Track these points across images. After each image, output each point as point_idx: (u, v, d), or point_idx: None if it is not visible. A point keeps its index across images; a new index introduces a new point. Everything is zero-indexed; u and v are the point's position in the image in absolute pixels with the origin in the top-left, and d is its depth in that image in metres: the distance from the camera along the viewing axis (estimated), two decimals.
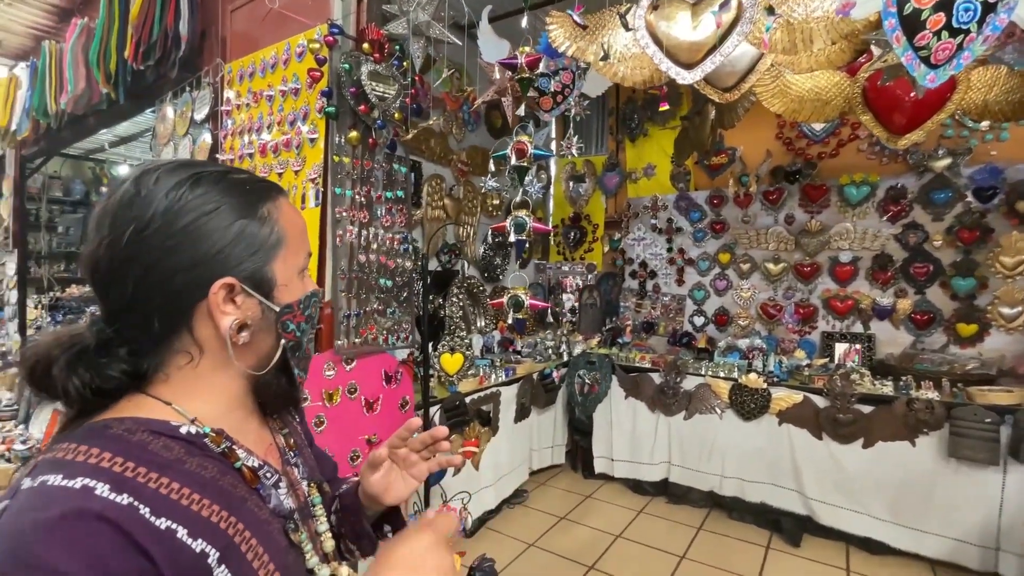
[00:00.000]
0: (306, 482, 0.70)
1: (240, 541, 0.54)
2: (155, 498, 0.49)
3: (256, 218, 0.59)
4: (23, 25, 3.81)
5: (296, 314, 0.62)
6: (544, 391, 3.59)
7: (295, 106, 1.98)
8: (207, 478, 0.55)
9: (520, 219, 1.70)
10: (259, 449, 0.64)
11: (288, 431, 0.73)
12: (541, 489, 3.62)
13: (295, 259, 0.62)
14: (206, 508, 0.52)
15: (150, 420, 0.54)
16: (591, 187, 4.70)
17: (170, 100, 2.72)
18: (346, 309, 1.90)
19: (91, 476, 0.46)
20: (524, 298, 1.70)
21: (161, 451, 0.53)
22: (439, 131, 3.55)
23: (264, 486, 0.61)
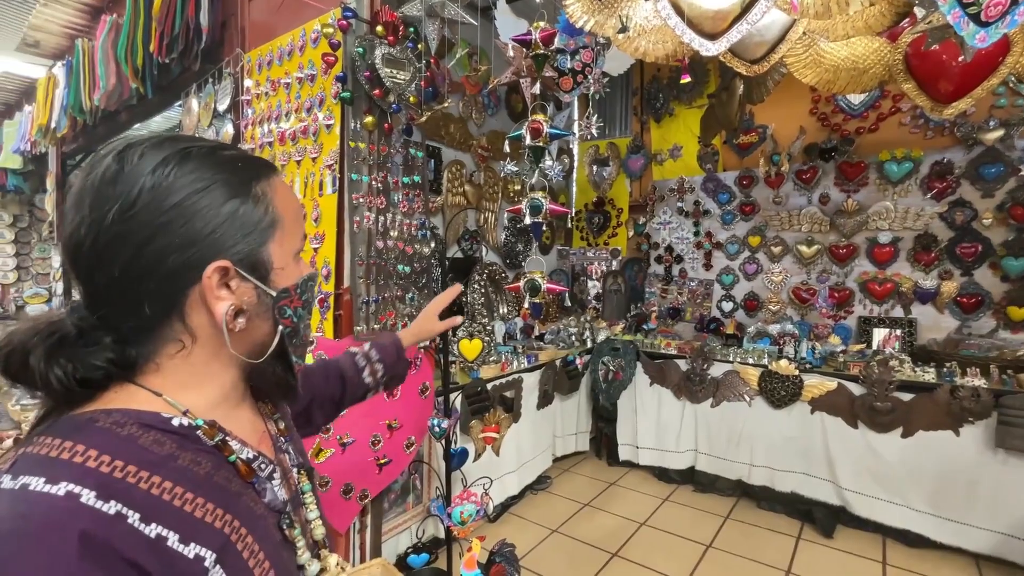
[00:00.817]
0: (296, 469, 0.68)
1: (236, 539, 0.52)
2: (146, 501, 0.46)
3: (249, 197, 0.55)
4: (58, 25, 3.94)
5: (293, 299, 0.59)
6: (567, 378, 3.56)
7: (311, 93, 1.98)
8: (201, 475, 0.52)
9: (536, 201, 1.66)
10: (252, 438, 0.61)
11: (279, 415, 0.71)
12: (565, 476, 3.61)
13: (291, 241, 0.59)
14: (200, 508, 0.50)
15: (140, 412, 0.51)
16: (615, 170, 4.60)
17: (195, 92, 2.76)
18: (365, 295, 1.91)
19: (76, 480, 0.43)
20: (541, 282, 1.67)
21: (152, 446, 0.50)
22: (458, 116, 3.52)
23: (259, 479, 0.59)
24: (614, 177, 4.63)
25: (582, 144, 4.89)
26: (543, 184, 1.71)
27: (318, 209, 1.95)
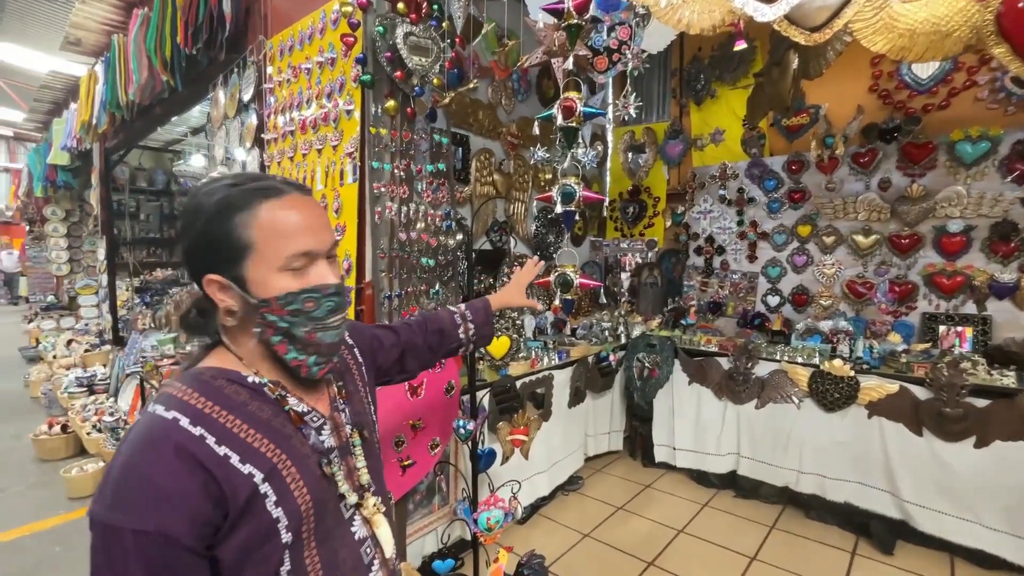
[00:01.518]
0: (350, 426, 0.84)
1: (282, 467, 0.70)
2: (221, 431, 0.68)
3: (223, 230, 0.71)
4: (96, 22, 4.01)
5: (274, 307, 0.72)
6: (600, 375, 3.41)
7: (331, 77, 1.89)
8: (262, 418, 0.72)
9: (568, 187, 1.52)
10: (310, 398, 0.80)
11: (343, 383, 0.88)
12: (597, 476, 3.48)
13: (268, 261, 0.71)
14: (258, 441, 0.70)
15: (228, 371, 0.75)
16: (651, 157, 4.38)
17: (221, 84, 2.73)
18: (387, 290, 1.82)
19: (180, 410, 0.68)
20: (573, 276, 1.53)
21: (232, 395, 0.72)
22: (487, 103, 3.39)
23: (307, 427, 0.77)
24: (650, 164, 4.40)
25: (617, 130, 4.68)
26: (576, 170, 1.57)
27: (339, 199, 1.87)
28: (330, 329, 0.76)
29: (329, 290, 0.75)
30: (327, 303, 0.75)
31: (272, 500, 0.69)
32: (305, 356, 0.76)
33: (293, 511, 0.70)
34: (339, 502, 0.79)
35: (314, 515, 0.74)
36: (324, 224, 0.77)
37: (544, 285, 1.57)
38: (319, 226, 0.75)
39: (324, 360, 0.78)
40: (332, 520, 0.78)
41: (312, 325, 0.74)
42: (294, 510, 0.70)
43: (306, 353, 0.76)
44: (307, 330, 0.74)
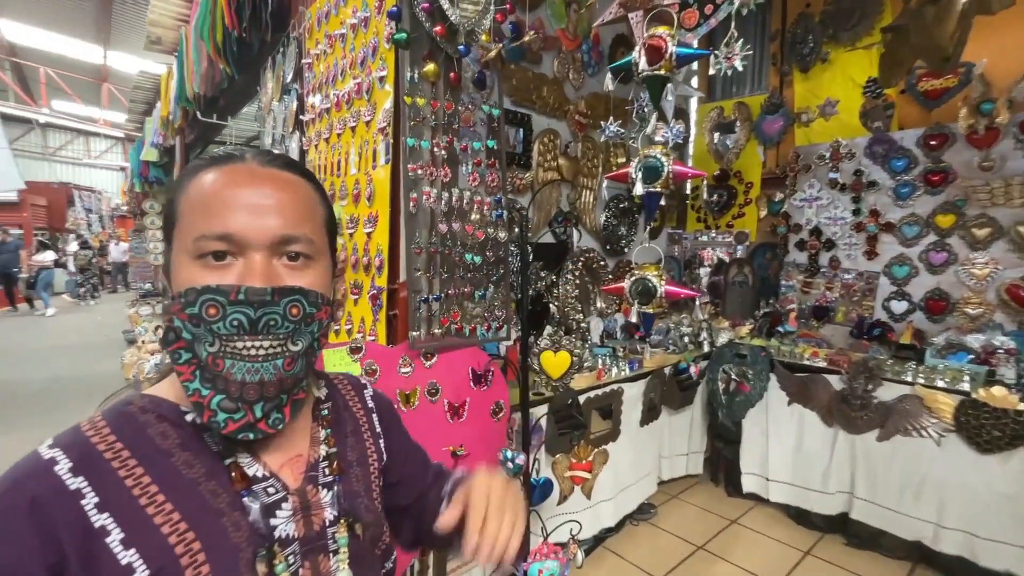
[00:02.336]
0: (333, 513, 0.61)
1: (187, 564, 0.49)
2: (114, 488, 0.49)
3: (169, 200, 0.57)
4: (171, 17, 4.09)
5: (177, 307, 0.52)
6: (679, 389, 2.96)
7: (365, 41, 1.61)
8: (187, 480, 0.53)
9: (653, 160, 1.13)
10: (276, 459, 0.59)
11: (339, 448, 0.65)
12: (673, 504, 3.03)
13: (183, 240, 0.53)
14: (163, 515, 0.50)
15: (162, 402, 0.56)
16: (743, 136, 3.79)
17: (270, 66, 2.58)
18: (425, 292, 1.53)
19: (65, 448, 0.50)
20: (658, 282, 1.14)
21: (156, 438, 0.53)
22: (552, 77, 3.01)
23: (253, 497, 0.55)
24: (742, 145, 3.82)
25: (702, 107, 4.12)
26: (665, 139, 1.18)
27: (371, 184, 1.60)
28: (242, 358, 0.52)
29: (238, 295, 0.51)
30: (234, 315, 0.51)
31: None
32: (210, 392, 0.52)
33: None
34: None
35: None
36: (277, 207, 0.55)
37: (617, 292, 1.20)
38: (265, 208, 0.54)
39: (235, 408, 0.52)
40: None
41: (218, 345, 0.51)
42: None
43: (212, 388, 0.52)
44: (213, 351, 0.52)
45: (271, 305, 0.52)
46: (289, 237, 0.55)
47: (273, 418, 0.55)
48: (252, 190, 0.54)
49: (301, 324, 0.55)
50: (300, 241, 0.56)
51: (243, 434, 0.53)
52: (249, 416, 0.53)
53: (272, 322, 0.53)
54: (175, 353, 0.53)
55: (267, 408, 0.54)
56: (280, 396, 0.55)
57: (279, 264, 0.55)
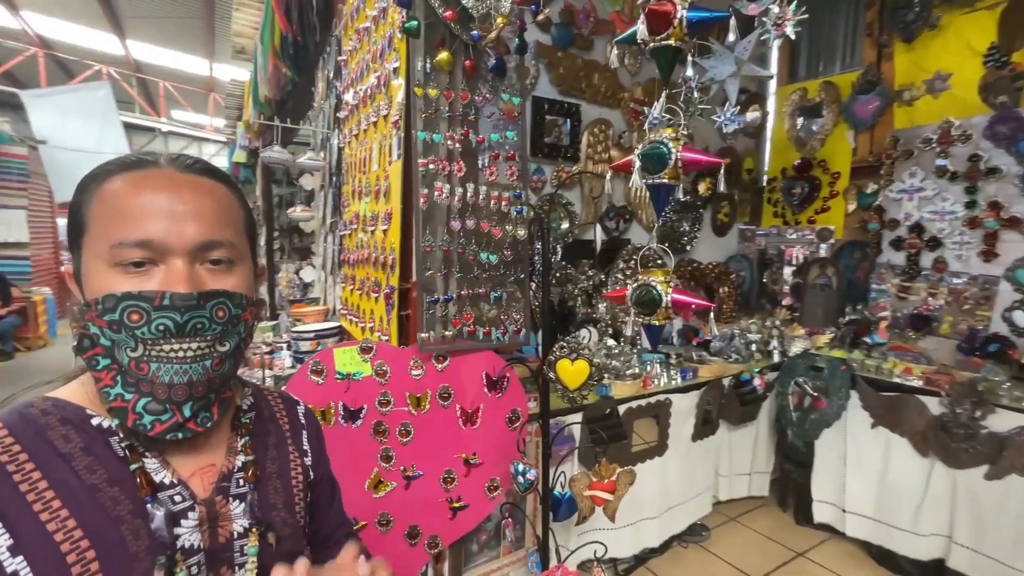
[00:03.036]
0: (246, 523, 0.59)
1: (79, 573, 0.48)
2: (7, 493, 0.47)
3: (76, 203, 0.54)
4: (251, 27, 4.37)
5: (94, 314, 0.52)
6: (740, 402, 2.68)
7: (383, 32, 1.57)
8: (88, 485, 0.51)
9: (656, 147, 0.96)
10: (186, 467, 0.58)
11: (257, 458, 0.63)
12: (730, 528, 2.76)
13: (97, 246, 0.52)
14: (58, 523, 0.48)
15: (70, 405, 0.55)
16: (830, 120, 3.36)
17: (321, 66, 2.65)
18: (437, 292, 1.46)
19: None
20: (663, 290, 0.98)
21: (57, 441, 0.52)
22: (605, 63, 2.83)
23: (156, 504, 0.53)
24: (829, 130, 3.38)
25: (781, 89, 3.71)
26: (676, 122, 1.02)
27: (387, 180, 1.56)
28: (169, 361, 0.52)
29: (163, 300, 0.51)
30: (160, 319, 0.51)
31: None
32: (133, 396, 0.53)
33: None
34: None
35: None
36: (196, 213, 0.54)
37: (618, 300, 1.06)
38: (184, 214, 0.53)
39: (162, 409, 0.53)
40: None
41: (142, 350, 0.52)
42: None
43: (136, 391, 0.53)
44: (136, 356, 0.52)
45: (197, 309, 0.53)
46: (211, 243, 0.55)
47: (202, 416, 0.56)
48: (171, 196, 0.53)
49: (228, 325, 0.56)
50: (222, 246, 0.56)
51: (171, 434, 0.54)
52: (177, 416, 0.53)
53: (200, 325, 0.53)
54: (92, 360, 0.54)
55: (196, 407, 0.55)
56: (209, 395, 0.56)
57: (201, 269, 0.55)
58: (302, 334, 2.17)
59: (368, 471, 1.48)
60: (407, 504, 1.52)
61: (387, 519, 1.51)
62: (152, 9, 7.03)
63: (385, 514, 1.51)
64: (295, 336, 2.21)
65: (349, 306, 2.05)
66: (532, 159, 2.71)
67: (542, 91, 2.66)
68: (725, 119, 1.89)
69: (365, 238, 1.77)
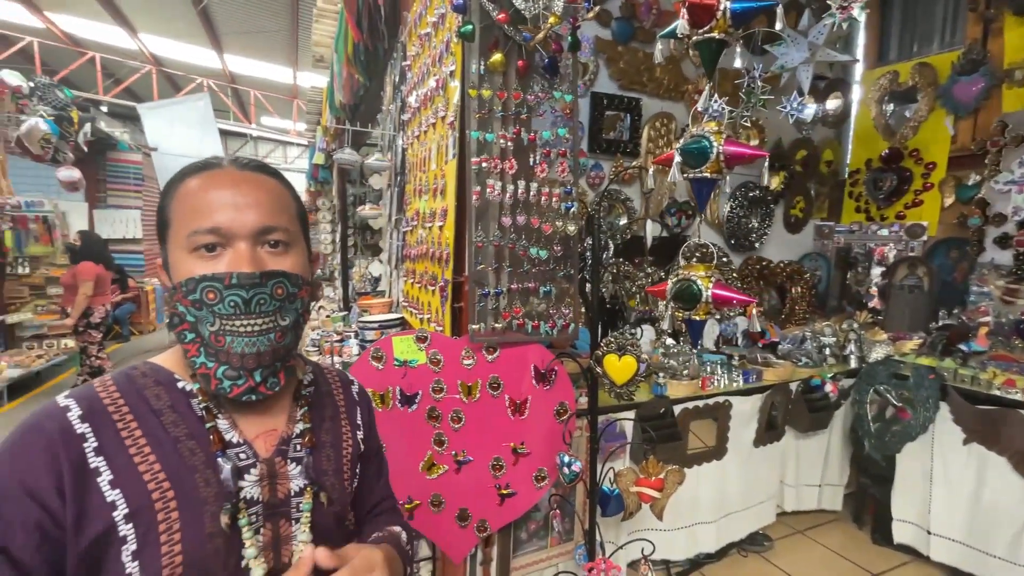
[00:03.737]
0: (302, 482, 0.67)
1: (160, 508, 0.56)
2: (112, 438, 0.58)
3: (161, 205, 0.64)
4: (328, 37, 4.68)
5: (180, 295, 0.61)
6: (809, 409, 2.52)
7: (442, 37, 1.64)
8: (171, 437, 0.60)
9: (698, 141, 0.95)
10: (252, 429, 0.66)
11: (314, 427, 0.71)
12: (796, 540, 2.61)
13: (178, 238, 0.62)
14: (147, 464, 0.58)
15: (161, 369, 0.65)
16: (925, 105, 3.06)
17: (389, 72, 2.80)
18: (488, 286, 1.52)
19: (80, 400, 0.59)
20: (704, 285, 0.97)
21: (151, 399, 0.62)
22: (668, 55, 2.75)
23: (225, 456, 0.61)
24: (923, 116, 3.09)
25: (868, 74, 3.43)
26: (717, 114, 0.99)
27: (444, 179, 1.63)
28: (241, 334, 0.61)
29: (232, 280, 0.59)
30: (231, 297, 0.60)
31: (130, 549, 0.54)
32: (214, 364, 0.61)
33: (152, 571, 0.55)
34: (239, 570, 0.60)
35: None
36: (255, 203, 0.63)
37: (658, 295, 1.05)
38: (245, 204, 0.62)
39: (237, 375, 0.61)
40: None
41: (219, 324, 0.60)
42: (154, 570, 0.55)
43: (215, 360, 0.61)
44: (214, 330, 0.60)
45: (260, 287, 0.61)
46: (268, 227, 0.63)
47: (270, 381, 0.64)
48: (233, 190, 0.62)
49: (286, 302, 0.64)
50: (278, 230, 0.64)
51: (246, 396, 0.63)
52: (250, 381, 0.62)
53: (262, 301, 0.61)
54: (181, 334, 0.63)
55: (265, 374, 0.63)
56: (275, 364, 0.64)
57: (262, 251, 0.63)
58: (368, 324, 2.31)
59: (422, 453, 1.57)
60: (458, 487, 1.60)
61: (439, 500, 1.60)
62: (245, 25, 7.67)
63: (437, 495, 1.59)
64: (361, 326, 2.37)
65: (410, 299, 2.16)
66: (590, 155, 2.70)
67: (601, 87, 2.65)
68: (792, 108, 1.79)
69: (424, 234, 1.87)
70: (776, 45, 2.27)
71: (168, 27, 7.69)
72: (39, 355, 5.61)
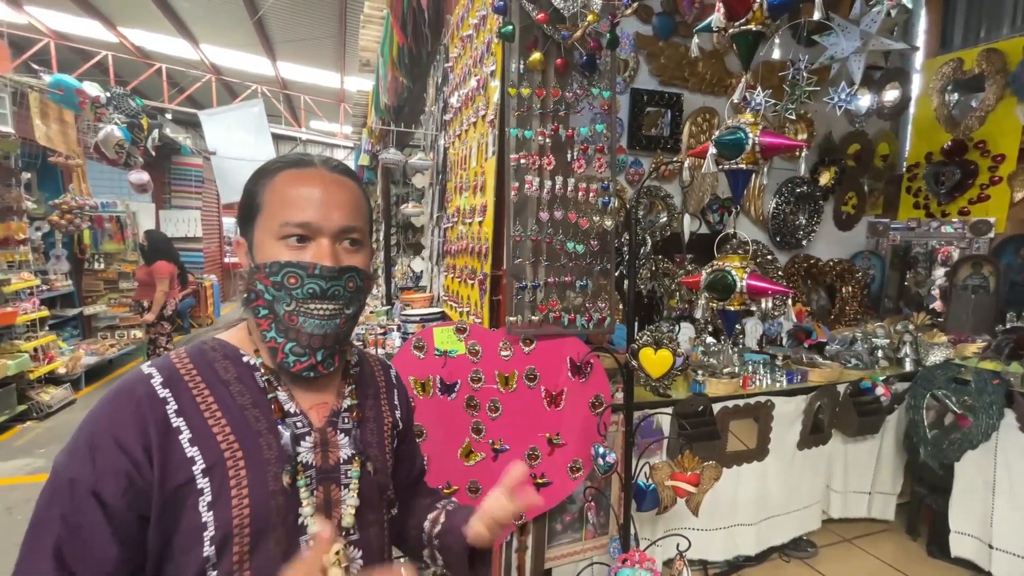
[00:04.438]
0: (350, 451, 0.73)
1: (231, 465, 0.64)
2: (189, 402, 0.65)
3: (255, 188, 0.70)
4: (374, 42, 4.84)
5: (262, 275, 0.67)
6: (858, 412, 2.42)
7: (483, 38, 1.69)
8: (238, 404, 0.67)
9: (732, 133, 0.94)
10: (307, 401, 0.72)
11: (360, 403, 0.78)
12: (842, 549, 2.52)
13: (268, 224, 0.68)
14: (219, 426, 0.65)
15: (227, 344, 0.72)
16: (994, 94, 2.88)
17: (431, 73, 2.88)
18: (528, 279, 1.55)
19: (160, 368, 0.66)
20: (738, 275, 0.97)
21: (220, 370, 0.69)
22: (711, 50, 2.71)
23: (284, 424, 0.69)
24: (991, 105, 2.90)
25: (930, 62, 3.25)
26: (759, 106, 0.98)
27: (484, 176, 1.68)
28: (313, 317, 0.68)
29: (315, 270, 0.67)
30: (310, 284, 0.67)
31: (207, 500, 0.62)
32: (284, 340, 0.68)
33: (223, 521, 0.62)
34: (299, 533, 0.67)
35: (250, 535, 0.63)
36: (340, 204, 0.70)
37: (692, 286, 1.05)
38: (332, 204, 0.69)
39: (303, 352, 0.68)
40: (278, 550, 0.65)
41: (294, 305, 0.67)
42: (225, 520, 0.62)
43: (285, 337, 0.68)
44: (289, 310, 0.67)
45: (336, 279, 0.68)
46: (348, 227, 0.70)
47: (327, 362, 0.71)
48: (323, 190, 0.69)
49: (355, 294, 0.71)
50: (355, 231, 0.71)
51: (306, 372, 0.69)
52: (312, 359, 0.69)
53: (336, 292, 0.68)
54: (255, 309, 0.70)
55: (325, 355, 0.70)
56: (335, 346, 0.71)
57: (340, 248, 0.70)
58: (410, 317, 2.40)
59: (460, 441, 1.63)
60: (494, 475, 1.64)
61: (476, 487, 1.65)
62: (296, 34, 8.03)
63: (475, 482, 1.65)
64: (404, 319, 2.46)
65: (450, 293, 2.23)
66: (630, 152, 2.70)
67: (641, 83, 2.63)
68: (840, 99, 1.74)
69: (464, 230, 1.93)
70: (825, 35, 2.20)
71: (227, 38, 8.14)
72: (112, 344, 6.08)
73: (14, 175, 4.78)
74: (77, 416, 4.71)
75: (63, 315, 5.79)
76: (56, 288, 5.55)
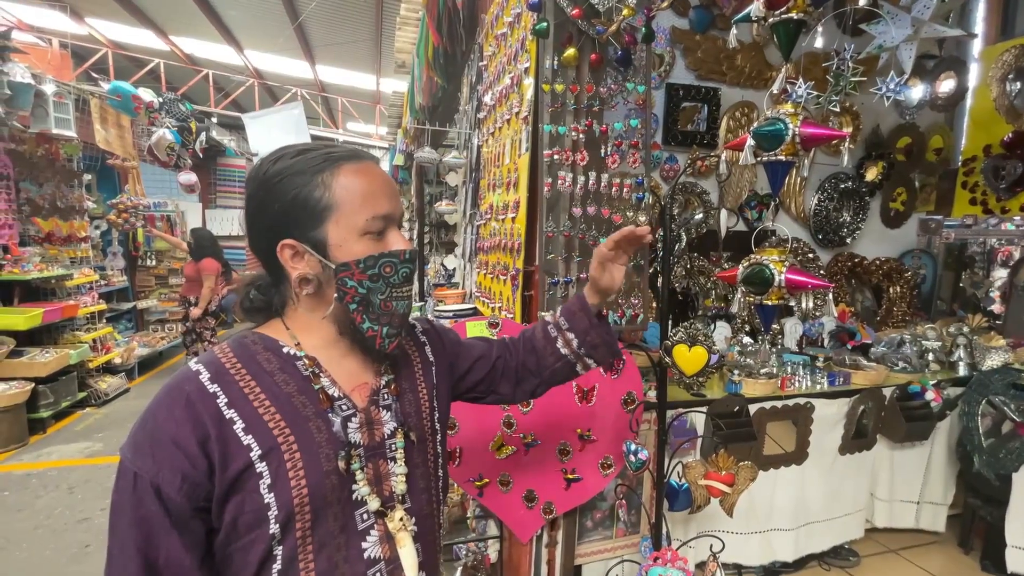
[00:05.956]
0: (393, 425, 0.77)
1: (285, 449, 0.67)
2: (237, 393, 0.68)
3: (310, 186, 0.69)
4: (410, 43, 4.92)
5: (354, 272, 0.70)
6: (906, 418, 2.32)
7: (517, 37, 1.70)
8: (285, 392, 0.70)
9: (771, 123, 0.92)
10: (348, 384, 0.75)
11: (396, 377, 0.81)
12: (887, 560, 2.42)
13: (349, 221, 0.70)
14: (269, 414, 0.68)
15: (267, 337, 0.74)
16: None
17: (466, 72, 2.91)
18: (560, 275, 1.56)
19: (206, 365, 0.69)
20: (776, 269, 0.94)
21: (263, 362, 0.71)
22: (750, 42, 2.64)
23: (334, 412, 0.72)
24: None
25: (989, 49, 3.06)
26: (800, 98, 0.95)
27: (517, 172, 1.70)
28: (403, 298, 0.74)
29: (405, 255, 0.73)
30: (403, 269, 0.73)
31: (266, 483, 0.65)
32: (379, 326, 0.73)
33: (285, 501, 0.66)
34: (354, 508, 0.72)
35: (311, 513, 0.67)
36: (395, 194, 0.76)
37: (728, 280, 1.03)
38: (392, 192, 0.75)
39: (395, 332, 0.74)
40: (336, 525, 0.70)
41: (389, 292, 0.72)
42: (286, 500, 0.66)
43: (380, 323, 0.73)
44: (384, 297, 0.72)
45: (413, 262, 0.75)
46: (402, 214, 0.80)
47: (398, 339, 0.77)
48: (383, 179, 0.74)
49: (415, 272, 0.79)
50: (403, 214, 0.80)
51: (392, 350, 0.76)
52: (399, 337, 0.76)
53: (411, 272, 0.75)
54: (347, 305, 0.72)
55: (404, 330, 0.78)
56: None
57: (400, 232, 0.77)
58: (443, 313, 2.44)
59: (492, 434, 1.65)
60: (525, 469, 1.66)
61: (507, 479, 1.66)
62: (334, 37, 8.26)
63: (506, 475, 1.66)
64: (437, 315, 2.50)
65: (483, 289, 2.25)
66: (665, 148, 2.66)
67: (677, 77, 2.59)
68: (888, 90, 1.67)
69: (497, 226, 1.95)
70: (873, 23, 2.10)
71: (269, 43, 8.44)
72: (162, 336, 6.41)
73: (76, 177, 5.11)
74: (132, 404, 5.00)
75: (119, 309, 6.14)
76: (112, 283, 5.89)
